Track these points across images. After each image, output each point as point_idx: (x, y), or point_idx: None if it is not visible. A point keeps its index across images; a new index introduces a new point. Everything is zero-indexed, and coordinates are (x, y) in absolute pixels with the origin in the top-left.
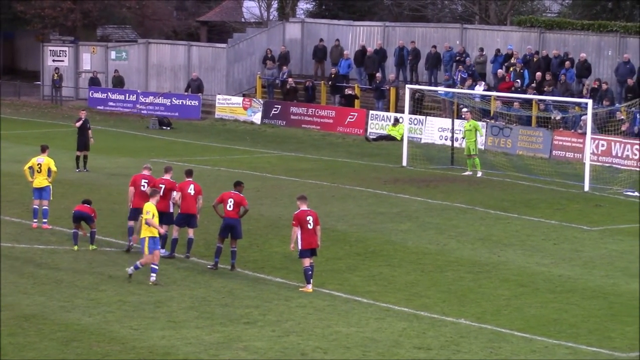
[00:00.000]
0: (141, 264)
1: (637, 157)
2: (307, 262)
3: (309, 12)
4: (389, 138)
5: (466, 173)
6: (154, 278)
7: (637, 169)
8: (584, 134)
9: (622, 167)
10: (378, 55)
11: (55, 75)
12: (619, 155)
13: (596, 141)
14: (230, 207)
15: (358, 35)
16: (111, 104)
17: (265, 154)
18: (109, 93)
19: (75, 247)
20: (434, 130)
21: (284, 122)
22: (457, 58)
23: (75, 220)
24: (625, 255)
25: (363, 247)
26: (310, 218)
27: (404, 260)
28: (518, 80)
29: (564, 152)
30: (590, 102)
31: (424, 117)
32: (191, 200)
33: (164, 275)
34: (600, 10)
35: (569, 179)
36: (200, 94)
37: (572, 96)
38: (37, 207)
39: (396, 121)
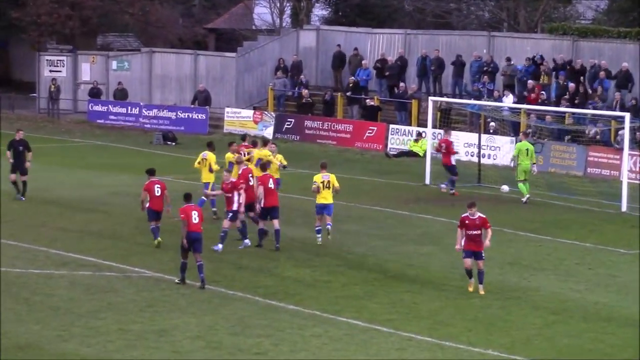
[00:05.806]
0: None
1: None
2: (468, 262)
3: (325, 18)
4: (410, 154)
5: (524, 199)
6: None
7: None
8: (621, 149)
9: None
10: (399, 65)
11: (52, 86)
12: None
13: (634, 157)
14: (195, 219)
15: (377, 43)
16: (112, 117)
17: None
18: (110, 106)
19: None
20: (460, 145)
21: (298, 137)
22: (485, 68)
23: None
24: None
25: (382, 272)
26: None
27: (426, 286)
28: (543, 93)
29: (599, 170)
30: (628, 115)
31: None
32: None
33: (167, 302)
34: (638, 17)
35: (605, 198)
36: (207, 106)
37: (609, 109)
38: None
39: (418, 136)
